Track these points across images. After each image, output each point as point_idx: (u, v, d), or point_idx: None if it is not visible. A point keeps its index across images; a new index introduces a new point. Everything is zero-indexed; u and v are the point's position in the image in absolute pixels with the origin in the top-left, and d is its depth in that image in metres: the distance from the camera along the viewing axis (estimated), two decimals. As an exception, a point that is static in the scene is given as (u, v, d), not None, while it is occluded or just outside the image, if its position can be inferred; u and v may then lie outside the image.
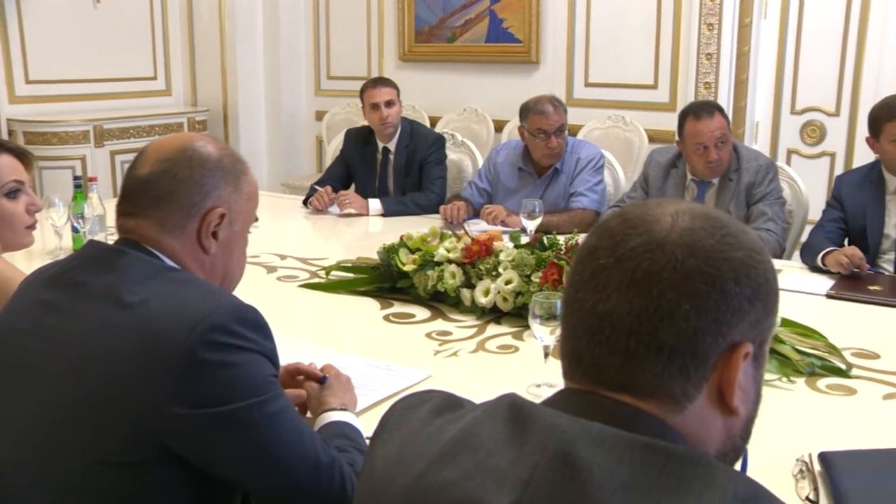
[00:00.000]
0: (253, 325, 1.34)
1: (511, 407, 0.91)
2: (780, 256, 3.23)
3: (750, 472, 1.49)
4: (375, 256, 2.74)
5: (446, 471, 0.88)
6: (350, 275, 2.79)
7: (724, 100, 4.97)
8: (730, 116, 4.89)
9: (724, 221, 0.91)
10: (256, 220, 1.67)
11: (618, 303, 0.87)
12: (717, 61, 4.98)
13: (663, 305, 0.85)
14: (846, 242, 3.21)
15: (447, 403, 1.01)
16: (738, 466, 0.97)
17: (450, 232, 2.74)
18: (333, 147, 4.80)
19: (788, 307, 2.46)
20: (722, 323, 0.87)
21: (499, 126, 5.55)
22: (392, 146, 4.13)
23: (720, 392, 0.89)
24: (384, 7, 6.22)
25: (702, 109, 3.28)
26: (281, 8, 6.52)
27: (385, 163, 4.14)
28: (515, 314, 2.39)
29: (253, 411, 1.29)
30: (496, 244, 2.54)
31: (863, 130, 3.19)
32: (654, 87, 5.23)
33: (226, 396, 1.28)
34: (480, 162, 4.21)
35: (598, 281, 0.89)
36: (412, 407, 1.03)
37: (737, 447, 0.95)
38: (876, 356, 2.21)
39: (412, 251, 2.65)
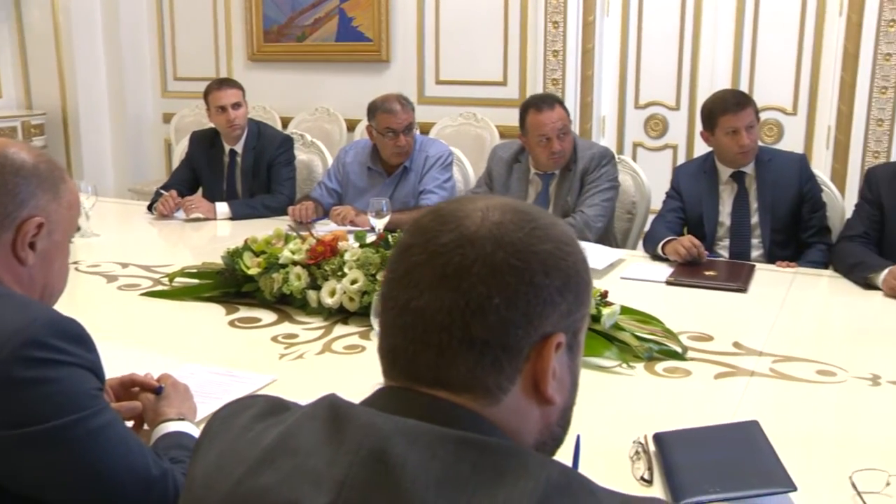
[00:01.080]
0: (72, 338, 1.28)
1: (330, 407, 0.90)
2: (587, 239, 3.23)
3: (590, 457, 1.53)
4: (221, 261, 2.67)
5: (264, 476, 0.86)
6: (195, 281, 2.71)
7: (571, 95, 5.10)
8: (577, 112, 5.05)
9: (534, 215, 0.92)
10: (79, 229, 1.59)
11: (430, 299, 0.87)
12: (564, 58, 5.10)
13: (474, 300, 0.86)
14: (685, 231, 3.34)
15: (271, 408, 0.99)
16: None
17: (295, 233, 2.70)
18: (181, 150, 4.66)
19: (630, 295, 2.57)
20: (533, 315, 0.88)
21: (351, 125, 5.52)
22: (239, 148, 4.04)
23: (535, 383, 0.90)
24: (231, 5, 6.07)
25: (542, 102, 3.35)
26: (121, 4, 6.26)
27: (232, 165, 4.05)
28: (362, 314, 2.37)
29: (75, 428, 1.23)
30: (341, 244, 2.52)
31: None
32: (504, 83, 5.31)
33: (45, 414, 1.22)
34: (331, 162, 4.17)
35: (411, 278, 0.89)
36: (234, 414, 1.01)
37: (555, 436, 0.97)
38: (710, 338, 2.30)
39: (256, 254, 2.59)
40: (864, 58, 4.64)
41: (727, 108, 3.15)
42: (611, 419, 1.87)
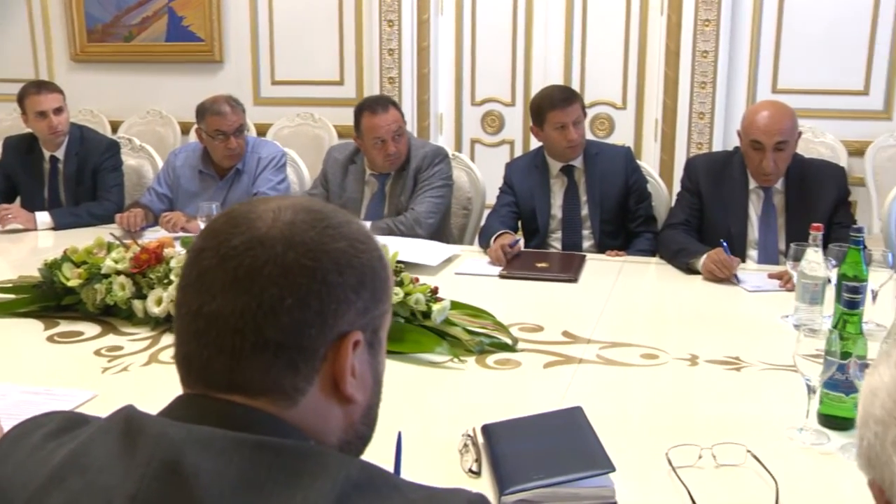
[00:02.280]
0: None
1: (124, 420, 0.87)
2: (418, 236, 3.26)
3: (421, 451, 1.54)
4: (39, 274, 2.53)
5: (52, 497, 0.82)
6: (10, 296, 2.55)
7: (408, 94, 5.12)
8: (414, 110, 5.07)
9: (327, 214, 0.92)
10: None
11: (222, 303, 0.86)
12: (399, 57, 5.12)
13: (266, 301, 0.85)
14: (519, 225, 3.41)
15: (68, 424, 0.94)
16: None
17: (118, 242, 2.59)
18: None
19: (464, 290, 2.60)
20: (327, 314, 0.87)
21: (185, 128, 5.35)
22: (60, 154, 3.83)
23: (334, 382, 0.90)
24: (48, 2, 5.77)
25: (376, 104, 3.35)
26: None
27: (54, 172, 3.84)
28: (191, 321, 2.30)
29: None
30: (167, 251, 2.43)
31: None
32: (341, 83, 5.29)
33: None
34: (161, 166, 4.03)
35: (203, 282, 0.88)
36: (25, 433, 0.95)
37: (360, 434, 0.96)
38: (540, 329, 2.35)
39: (77, 265, 2.47)
40: (684, 55, 4.87)
41: (554, 104, 3.23)
42: (442, 413, 1.89)
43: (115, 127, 5.46)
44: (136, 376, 2.05)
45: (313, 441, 0.89)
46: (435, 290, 2.27)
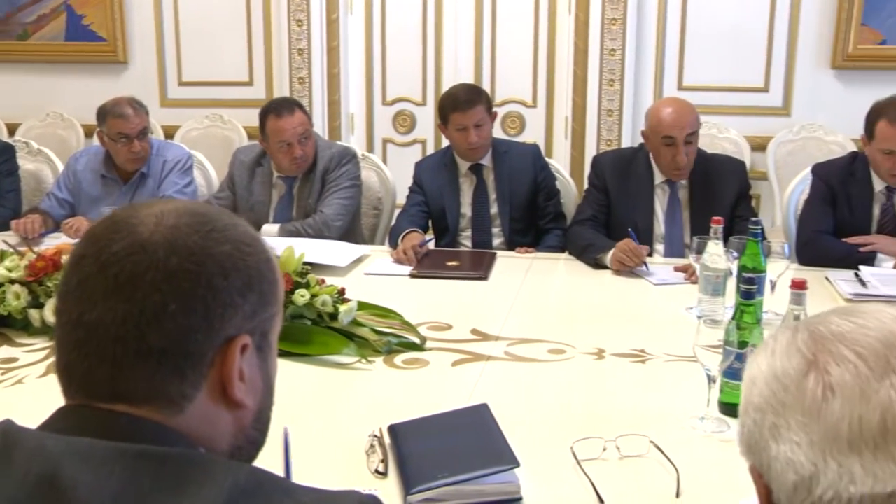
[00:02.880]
0: None
1: (1, 435, 0.83)
2: (327, 237, 3.22)
3: (328, 453, 1.52)
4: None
5: None
6: None
7: (319, 94, 5.07)
8: (325, 110, 5.03)
9: (211, 217, 0.90)
10: None
11: (103, 311, 0.84)
12: (309, 56, 5.07)
13: (149, 308, 0.83)
14: (430, 224, 3.41)
15: None
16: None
17: (11, 249, 2.50)
18: None
19: (374, 290, 2.59)
20: (213, 319, 0.86)
21: (89, 131, 5.14)
22: (-47, 159, 3.69)
23: (222, 387, 0.88)
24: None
25: (281, 107, 3.30)
26: None
27: (-54, 178, 3.70)
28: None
29: None
30: (64, 258, 2.36)
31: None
32: (250, 83, 5.21)
33: None
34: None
35: (83, 290, 0.86)
36: None
37: (252, 439, 0.95)
38: (448, 327, 2.36)
39: (-32, 274, 2.37)
40: (592, 53, 4.93)
41: (457, 106, 3.24)
42: (349, 415, 1.88)
43: (11, 130, 5.26)
44: (32, 389, 1.98)
45: (203, 448, 0.87)
46: (342, 292, 2.25)
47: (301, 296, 2.14)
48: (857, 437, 0.74)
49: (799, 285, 1.82)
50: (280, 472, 1.31)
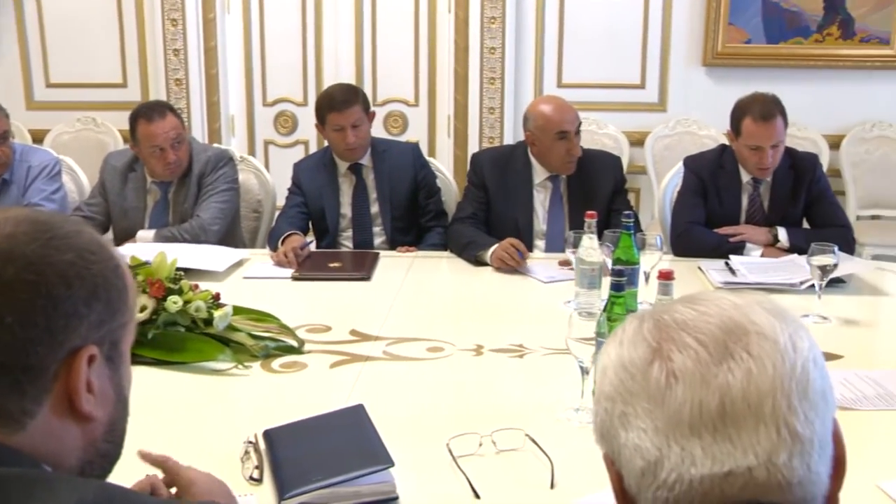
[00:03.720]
0: None
1: None
2: (204, 242, 3.14)
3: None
4: None
5: None
6: None
7: (197, 95, 4.96)
8: (204, 112, 4.92)
9: (52, 225, 0.87)
10: None
11: None
12: (186, 57, 4.95)
13: None
14: (310, 225, 3.37)
15: None
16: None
17: None
18: None
19: (254, 294, 2.55)
20: (55, 330, 0.83)
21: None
22: None
23: (69, 400, 0.85)
24: None
25: (152, 111, 3.20)
26: None
27: None
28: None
29: None
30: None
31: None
32: (124, 85, 5.04)
33: None
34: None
35: None
36: None
37: (103, 452, 0.92)
38: (328, 329, 2.34)
39: None
40: (472, 51, 4.97)
41: (333, 106, 3.21)
42: (226, 422, 1.84)
43: None
44: None
45: (48, 466, 0.84)
46: (217, 297, 2.20)
47: (174, 302, 2.09)
48: (698, 421, 0.76)
49: (666, 276, 1.88)
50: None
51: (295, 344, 2.16)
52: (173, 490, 1.27)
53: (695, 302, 0.84)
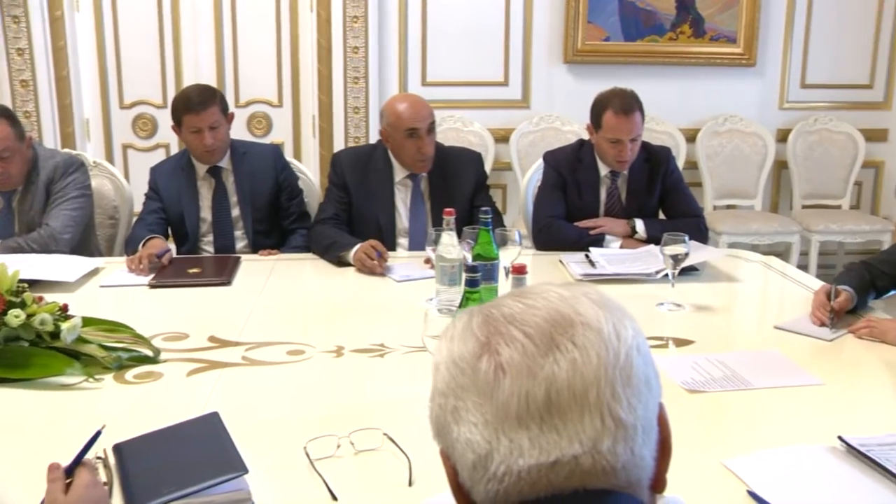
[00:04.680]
0: None
1: None
2: (54, 252, 3.01)
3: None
4: None
5: None
6: None
7: (46, 98, 4.76)
8: (55, 115, 4.73)
9: None
10: None
11: None
12: (32, 57, 4.73)
13: None
14: (169, 230, 3.27)
15: None
16: None
17: None
18: None
19: (110, 303, 2.46)
20: None
21: None
22: None
23: None
24: None
25: None
26: None
27: None
28: None
29: None
30: None
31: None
32: (-37, 88, 4.80)
33: None
34: None
35: None
36: None
37: None
38: (185, 336, 2.27)
39: None
40: (336, 51, 4.95)
41: (190, 108, 3.12)
42: (76, 438, 1.74)
43: None
44: None
45: None
46: (64, 308, 2.11)
47: (15, 316, 1.98)
48: (525, 413, 0.77)
49: (519, 270, 1.90)
50: None
51: (150, 353, 2.09)
52: None
53: (523, 295, 0.85)
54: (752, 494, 1.49)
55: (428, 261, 2.89)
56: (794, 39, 5.33)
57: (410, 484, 1.53)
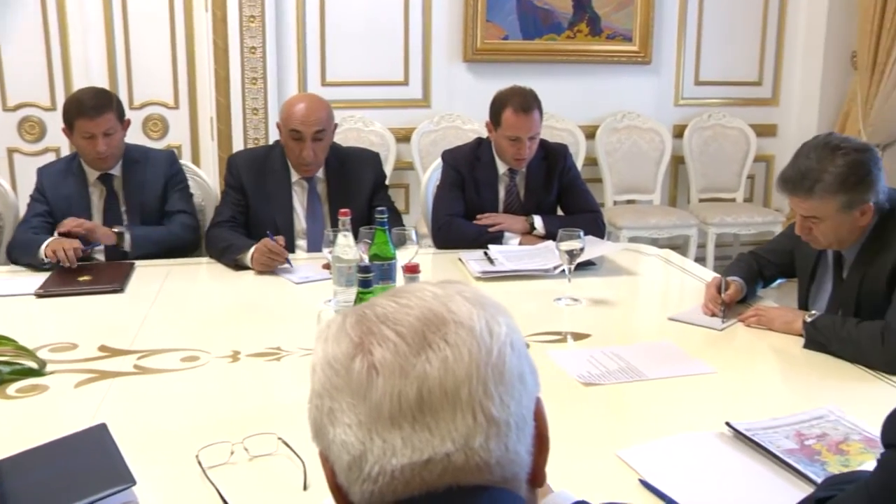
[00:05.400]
0: None
1: None
2: None
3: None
4: None
5: None
6: None
7: (-75, 102, 4.55)
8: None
9: None
10: None
11: None
12: None
13: None
14: (56, 234, 3.16)
15: None
16: None
17: None
18: None
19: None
20: None
21: None
22: None
23: None
24: None
25: None
26: None
27: None
28: None
29: None
30: None
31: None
32: None
33: None
34: None
35: None
36: None
37: None
38: (74, 346, 2.20)
39: None
40: (232, 51, 4.87)
41: (83, 112, 3.00)
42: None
43: None
44: None
45: None
46: (-61, 321, 2.03)
47: None
48: (398, 412, 0.77)
49: (411, 269, 1.90)
50: None
51: (35, 366, 2.02)
52: None
53: (397, 295, 0.85)
54: (644, 483, 1.52)
55: (327, 265, 2.86)
56: (687, 38, 5.48)
57: (305, 488, 1.51)
